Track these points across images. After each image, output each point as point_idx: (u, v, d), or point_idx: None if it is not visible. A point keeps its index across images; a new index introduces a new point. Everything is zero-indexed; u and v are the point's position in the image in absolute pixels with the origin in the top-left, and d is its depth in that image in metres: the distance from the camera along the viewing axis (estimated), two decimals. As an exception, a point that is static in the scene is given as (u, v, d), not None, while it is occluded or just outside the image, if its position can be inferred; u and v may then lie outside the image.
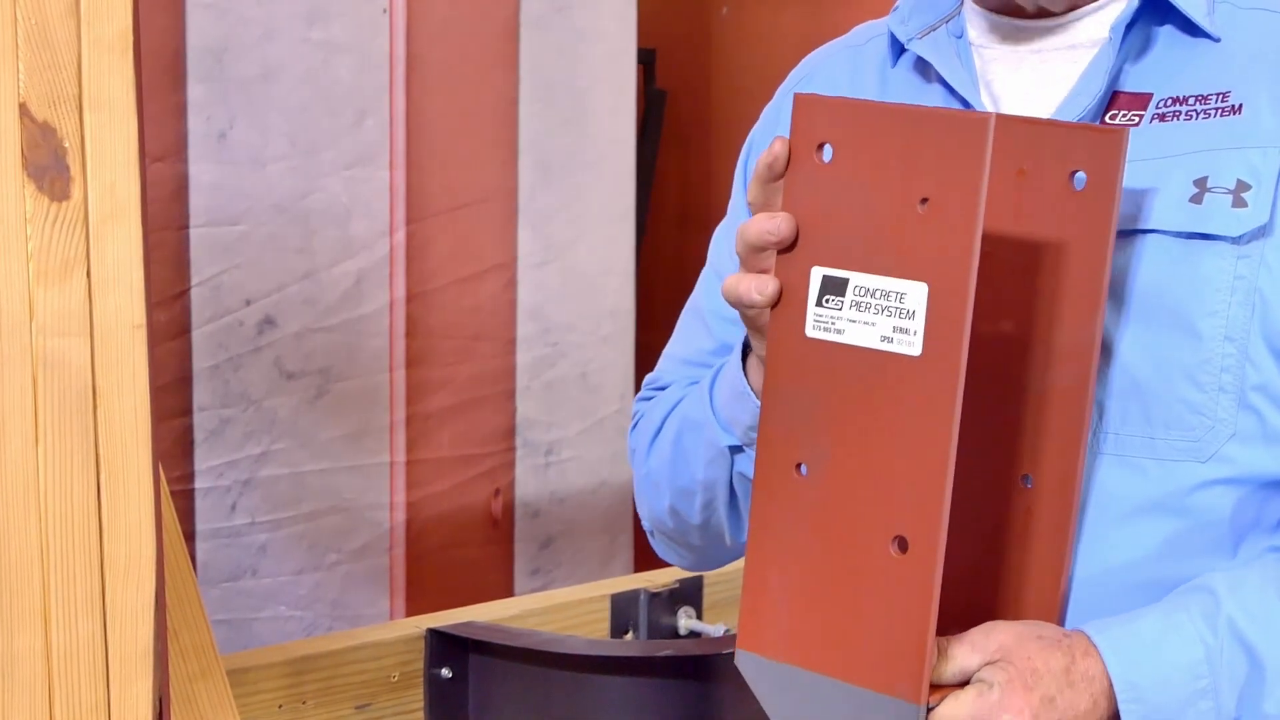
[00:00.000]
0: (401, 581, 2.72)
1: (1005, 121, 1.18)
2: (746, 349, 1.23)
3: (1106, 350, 1.17)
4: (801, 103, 1.08)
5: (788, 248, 1.09)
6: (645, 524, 1.45)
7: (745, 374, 1.23)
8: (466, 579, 2.77)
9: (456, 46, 2.68)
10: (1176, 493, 1.16)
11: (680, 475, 1.35)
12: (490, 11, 2.72)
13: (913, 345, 1.04)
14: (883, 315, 1.05)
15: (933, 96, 1.27)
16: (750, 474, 1.27)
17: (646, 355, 2.93)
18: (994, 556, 1.19)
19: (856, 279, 1.06)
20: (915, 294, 1.03)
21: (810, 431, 1.09)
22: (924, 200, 1.03)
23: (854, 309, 1.06)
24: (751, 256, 1.11)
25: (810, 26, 3.23)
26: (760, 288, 1.09)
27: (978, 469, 1.17)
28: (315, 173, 2.53)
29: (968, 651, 1.09)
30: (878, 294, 1.05)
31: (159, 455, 1.12)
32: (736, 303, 1.12)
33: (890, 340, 1.04)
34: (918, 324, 1.03)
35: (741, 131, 1.45)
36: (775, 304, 1.10)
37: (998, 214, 1.15)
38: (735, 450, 1.28)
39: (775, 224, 1.08)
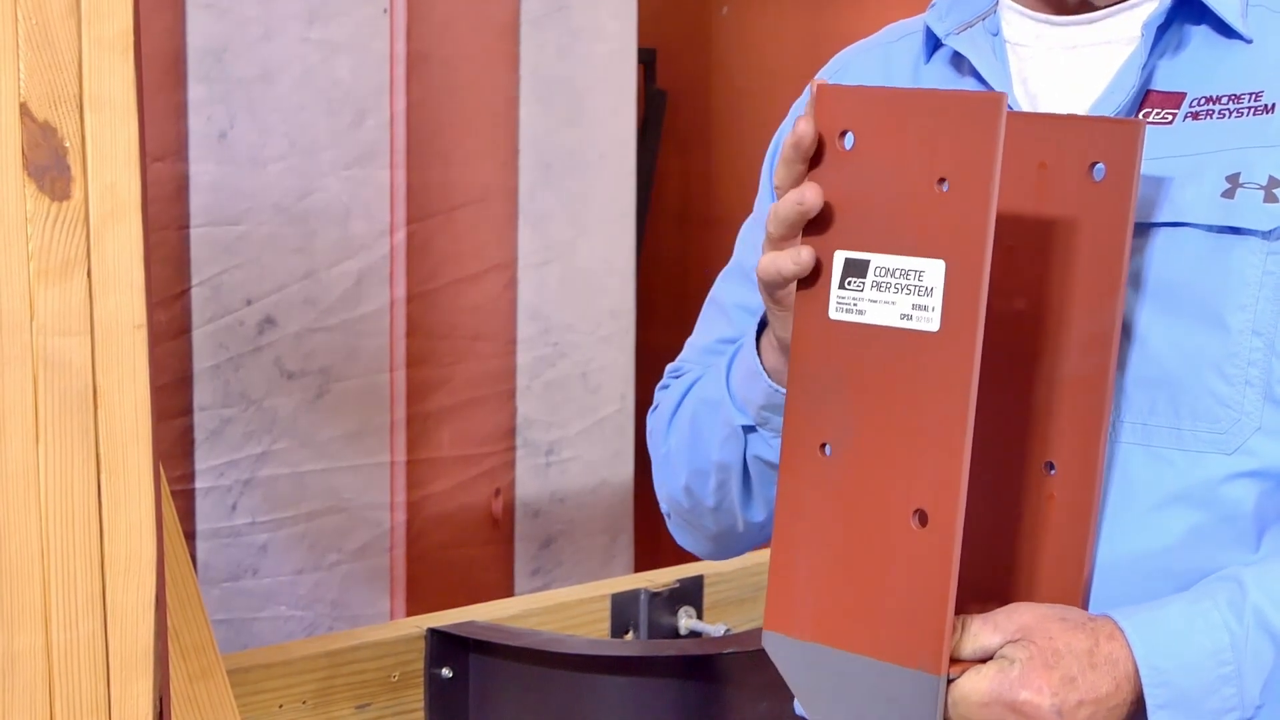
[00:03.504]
0: (402, 581, 2.72)
1: (1025, 118, 1.20)
2: (760, 330, 1.25)
3: (1136, 340, 1.19)
4: (823, 92, 1.11)
5: (815, 231, 1.11)
6: (662, 506, 1.46)
7: (759, 354, 1.25)
8: (467, 579, 2.77)
9: (456, 46, 2.68)
10: (1202, 484, 1.18)
11: (696, 455, 1.37)
12: (490, 11, 2.72)
13: (931, 321, 1.06)
14: (902, 294, 1.07)
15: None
16: (763, 455, 1.30)
17: (646, 355, 2.94)
18: (1018, 541, 1.21)
19: (877, 260, 1.08)
20: (933, 271, 1.06)
21: (834, 412, 1.11)
22: (941, 180, 1.05)
23: (875, 289, 1.08)
24: (782, 238, 1.13)
25: (810, 27, 3.23)
26: (794, 257, 1.11)
27: (1002, 456, 1.19)
28: (315, 172, 2.53)
29: (990, 630, 1.11)
30: (897, 273, 1.07)
31: (159, 455, 1.12)
32: (775, 277, 1.13)
33: (909, 317, 1.07)
34: (936, 300, 1.06)
35: (742, 131, 1.46)
36: (805, 282, 1.12)
37: (1020, 206, 1.17)
38: (749, 430, 1.30)
39: (802, 194, 1.10)
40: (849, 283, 1.09)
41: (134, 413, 1.09)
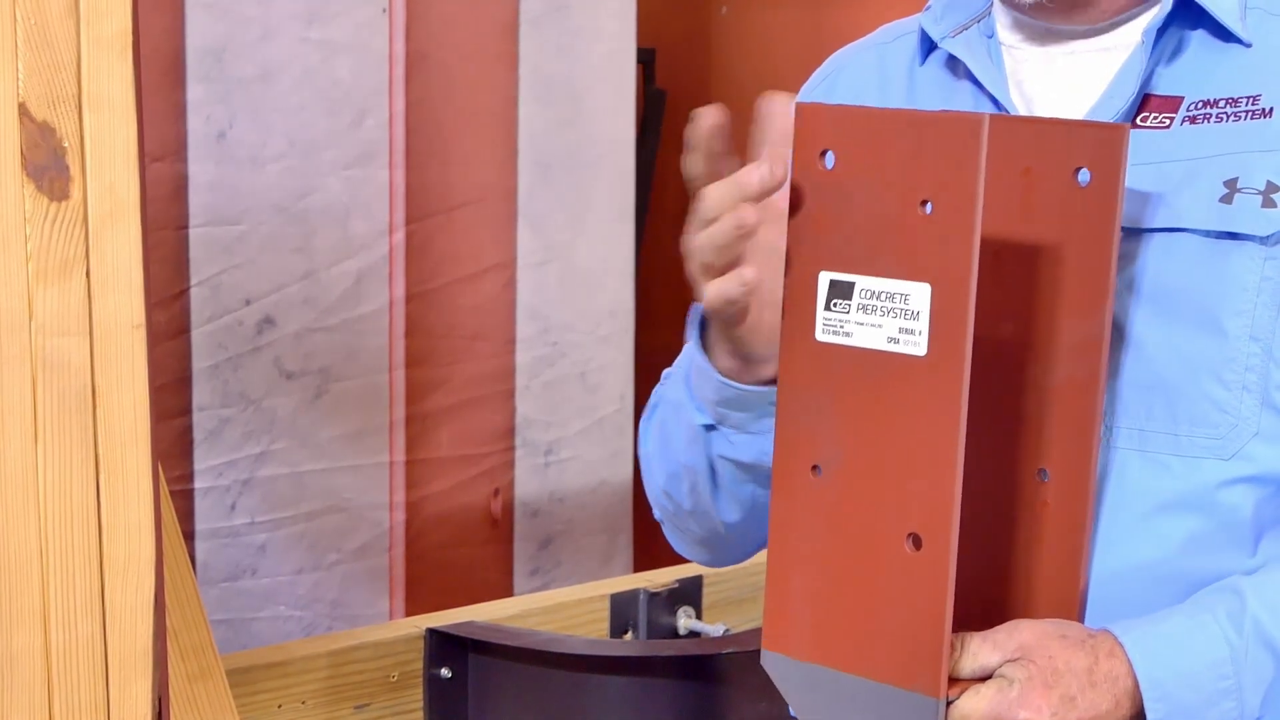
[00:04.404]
0: (401, 581, 2.72)
1: (1008, 122, 1.19)
2: (704, 327, 1.23)
3: (1133, 346, 1.19)
4: (803, 111, 1.09)
5: (800, 250, 1.09)
6: (655, 513, 1.45)
7: (706, 351, 1.22)
8: (466, 579, 2.77)
9: (456, 46, 2.68)
10: (1199, 489, 1.17)
11: (668, 458, 1.35)
12: (490, 11, 2.72)
13: (918, 345, 1.05)
14: (888, 317, 1.06)
15: (961, 94, 1.29)
16: (727, 454, 1.27)
17: (646, 355, 2.93)
18: (1014, 551, 1.20)
19: (862, 282, 1.07)
20: (919, 295, 1.05)
21: (824, 433, 1.10)
22: (924, 202, 1.04)
23: (861, 311, 1.07)
24: (726, 265, 1.11)
25: (810, 26, 3.23)
26: (739, 279, 1.10)
27: (994, 465, 1.18)
28: (315, 172, 2.53)
29: (989, 649, 1.10)
30: (883, 296, 1.06)
31: (158, 455, 1.12)
32: (726, 307, 1.12)
33: (896, 341, 1.06)
34: (922, 324, 1.04)
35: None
36: (791, 302, 1.11)
37: (1005, 213, 1.16)
38: (709, 429, 1.27)
39: (740, 216, 1.08)
40: (834, 304, 1.08)
41: (133, 413, 1.09)
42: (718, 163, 1.12)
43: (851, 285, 1.07)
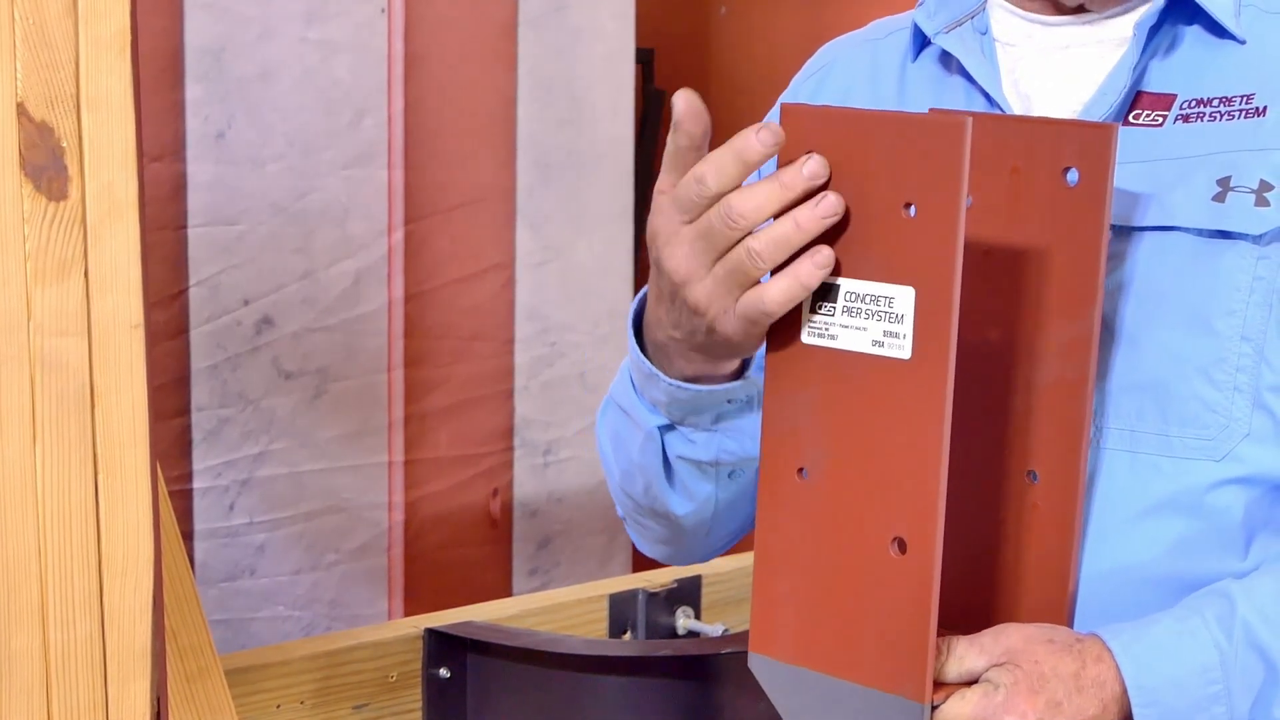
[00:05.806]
0: (400, 581, 2.72)
1: (996, 121, 1.19)
2: (639, 328, 1.19)
3: (1123, 345, 1.18)
4: (788, 113, 1.08)
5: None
6: (617, 509, 1.43)
7: (647, 356, 1.19)
8: (465, 579, 2.77)
9: (455, 46, 2.68)
10: (1190, 491, 1.17)
11: (621, 457, 1.32)
12: (489, 11, 2.72)
13: (903, 349, 1.04)
14: (873, 320, 1.05)
15: (954, 90, 1.28)
16: (687, 455, 1.25)
17: (645, 355, 2.93)
18: (1003, 552, 1.20)
19: (847, 285, 1.06)
20: (903, 298, 1.04)
21: (810, 436, 1.09)
22: (908, 204, 1.03)
23: (845, 314, 1.06)
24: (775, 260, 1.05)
25: (808, 26, 3.23)
26: (820, 263, 1.03)
27: (983, 466, 1.18)
28: (313, 172, 2.53)
29: (976, 653, 1.10)
30: (867, 299, 1.05)
31: (157, 455, 1.12)
32: (801, 295, 1.05)
33: (881, 345, 1.05)
34: (907, 328, 1.04)
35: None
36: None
37: (992, 213, 1.16)
38: (666, 429, 1.24)
39: (833, 204, 1.03)
40: (820, 307, 1.07)
41: (131, 413, 1.09)
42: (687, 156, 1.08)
43: (836, 288, 1.07)
